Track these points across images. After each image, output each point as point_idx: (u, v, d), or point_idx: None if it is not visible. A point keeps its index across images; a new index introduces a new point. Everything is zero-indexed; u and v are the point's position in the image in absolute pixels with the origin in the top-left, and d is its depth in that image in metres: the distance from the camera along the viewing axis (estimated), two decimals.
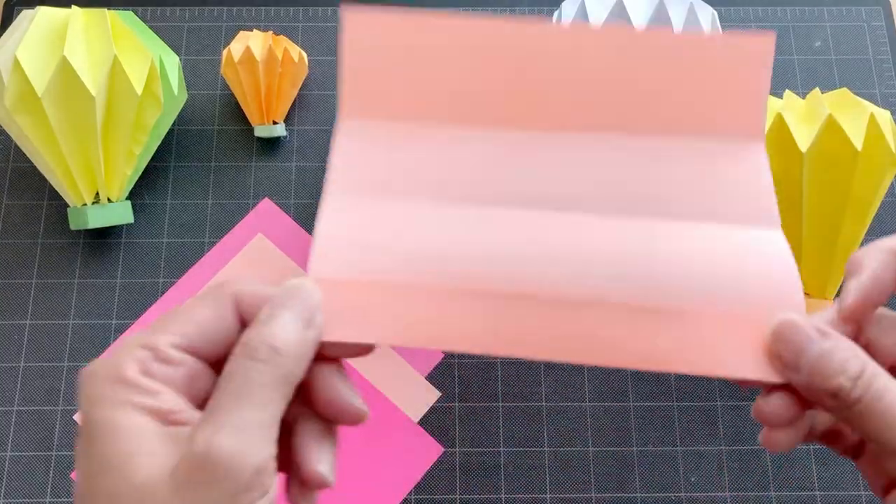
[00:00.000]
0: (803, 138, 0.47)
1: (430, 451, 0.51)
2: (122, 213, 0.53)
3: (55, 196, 0.56)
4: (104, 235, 0.56)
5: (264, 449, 0.21)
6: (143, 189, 0.57)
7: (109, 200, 0.53)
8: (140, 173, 0.55)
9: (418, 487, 0.50)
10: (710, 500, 0.50)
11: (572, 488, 0.50)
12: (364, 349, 0.25)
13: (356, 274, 0.26)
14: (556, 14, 0.56)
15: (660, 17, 0.50)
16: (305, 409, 0.24)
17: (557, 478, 0.50)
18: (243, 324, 0.24)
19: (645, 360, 0.25)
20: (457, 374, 0.53)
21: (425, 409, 0.52)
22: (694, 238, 0.27)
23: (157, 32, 0.61)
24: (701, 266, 0.26)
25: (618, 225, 0.27)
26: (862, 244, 0.56)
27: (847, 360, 0.22)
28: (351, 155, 0.28)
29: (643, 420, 0.52)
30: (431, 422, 0.52)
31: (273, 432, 0.21)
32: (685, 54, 0.28)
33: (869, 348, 0.24)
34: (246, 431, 0.20)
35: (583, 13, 0.52)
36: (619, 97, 0.28)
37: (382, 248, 0.26)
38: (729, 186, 0.28)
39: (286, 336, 0.22)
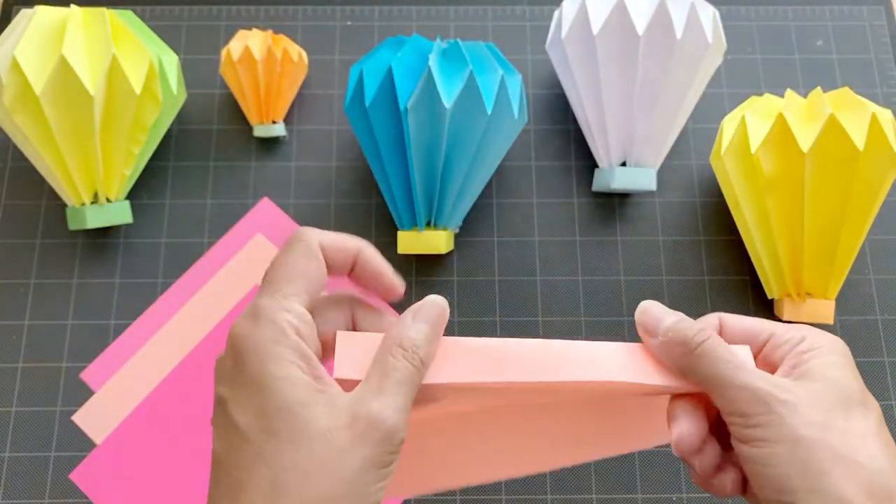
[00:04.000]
0: (805, 138, 0.47)
1: None
2: (120, 213, 0.53)
3: (54, 196, 0.56)
4: (103, 235, 0.56)
5: (406, 424, 0.27)
6: (142, 189, 0.57)
7: (108, 200, 0.53)
8: (139, 173, 0.55)
9: None
10: (711, 501, 0.50)
11: (573, 489, 0.50)
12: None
13: None
14: (556, 14, 0.56)
15: (661, 16, 0.50)
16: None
17: (558, 478, 0.50)
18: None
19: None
20: None
21: None
22: None
23: (155, 31, 0.61)
24: None
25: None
26: (863, 243, 0.56)
27: (693, 325, 0.30)
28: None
29: None
30: None
31: (409, 412, 0.27)
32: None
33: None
34: (401, 412, 0.26)
35: (583, 12, 0.52)
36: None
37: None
38: None
39: (428, 348, 0.28)
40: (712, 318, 0.33)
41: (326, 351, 0.29)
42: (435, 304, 0.30)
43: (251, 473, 0.25)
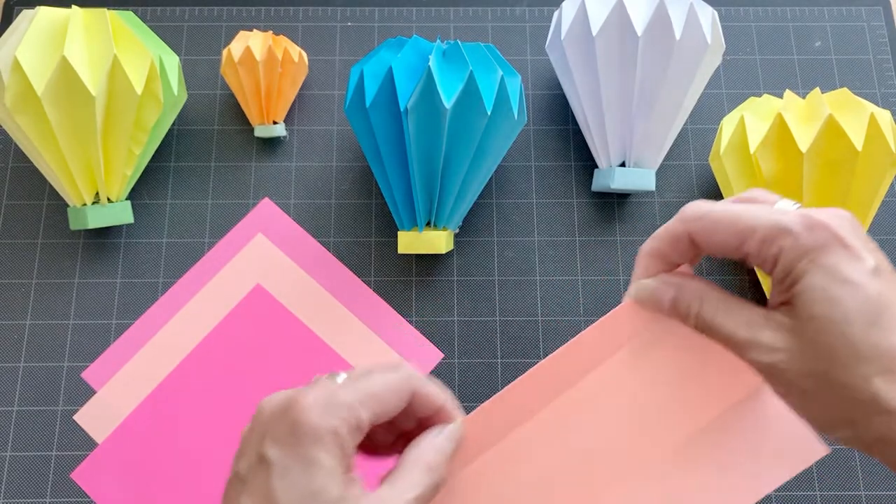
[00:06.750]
0: (803, 138, 0.47)
1: None
2: (121, 213, 0.53)
3: (55, 196, 0.56)
4: (104, 235, 0.56)
5: None
6: (143, 189, 0.57)
7: (109, 200, 0.53)
8: (140, 173, 0.55)
9: None
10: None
11: None
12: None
13: None
14: (555, 15, 0.56)
15: (660, 17, 0.50)
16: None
17: None
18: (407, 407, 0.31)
19: None
20: (457, 374, 0.53)
21: None
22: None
23: (156, 32, 0.61)
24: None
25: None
26: None
27: (689, 304, 0.30)
28: None
29: None
30: None
31: None
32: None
33: (702, 246, 0.31)
34: None
35: (583, 13, 0.52)
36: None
37: None
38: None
39: (446, 468, 0.31)
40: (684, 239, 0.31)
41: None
42: (458, 430, 0.32)
43: None
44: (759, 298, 0.54)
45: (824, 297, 0.26)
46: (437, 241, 0.52)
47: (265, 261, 0.55)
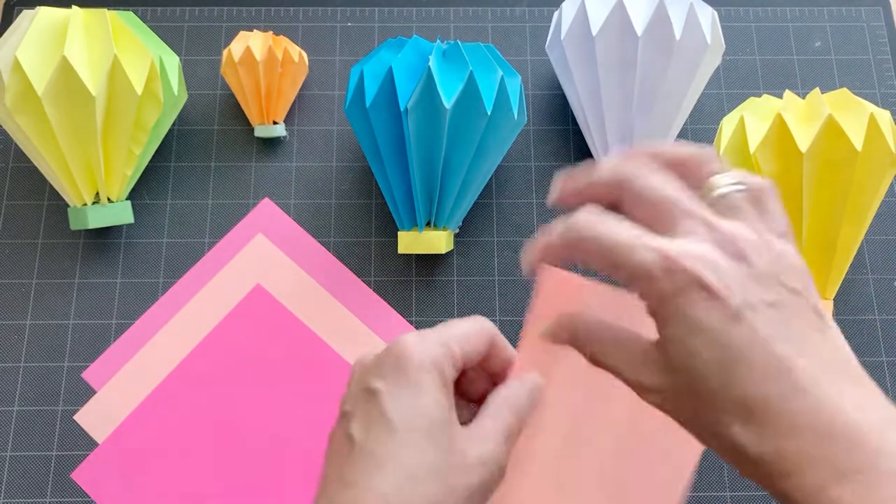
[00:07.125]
0: (803, 138, 0.47)
1: None
2: (122, 213, 0.53)
3: (55, 196, 0.56)
4: (104, 235, 0.56)
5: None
6: (143, 189, 0.57)
7: (109, 200, 0.53)
8: (140, 173, 0.55)
9: None
10: (710, 499, 0.50)
11: None
12: None
13: None
14: (555, 15, 0.56)
15: (660, 17, 0.50)
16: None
17: None
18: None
19: None
20: None
21: None
22: None
23: (157, 32, 0.61)
24: None
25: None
26: (862, 244, 0.56)
27: (582, 345, 0.31)
28: None
29: None
30: None
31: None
32: None
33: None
34: (504, 464, 0.31)
35: (583, 13, 0.52)
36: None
37: None
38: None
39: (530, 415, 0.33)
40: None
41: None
42: (539, 381, 0.33)
43: (396, 457, 0.29)
44: None
45: (683, 348, 0.26)
46: (437, 241, 0.52)
47: (265, 261, 0.55)
